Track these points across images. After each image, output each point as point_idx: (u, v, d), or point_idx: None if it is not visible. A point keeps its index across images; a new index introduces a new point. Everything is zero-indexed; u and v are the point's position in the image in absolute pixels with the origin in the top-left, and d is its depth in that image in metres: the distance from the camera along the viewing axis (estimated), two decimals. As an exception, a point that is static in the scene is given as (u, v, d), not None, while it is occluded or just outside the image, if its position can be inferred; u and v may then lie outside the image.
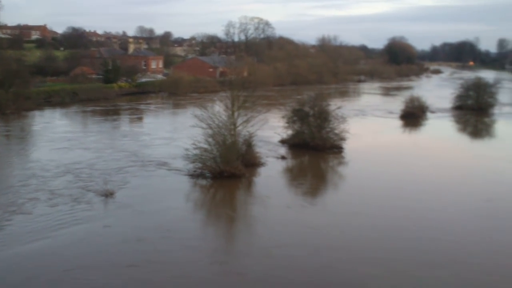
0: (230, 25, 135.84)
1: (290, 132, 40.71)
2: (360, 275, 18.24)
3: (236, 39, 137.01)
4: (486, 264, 19.49)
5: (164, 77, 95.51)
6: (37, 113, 59.01)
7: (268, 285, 17.64)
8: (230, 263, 20.02)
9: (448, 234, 22.32)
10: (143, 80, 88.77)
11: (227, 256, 20.91)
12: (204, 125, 31.51)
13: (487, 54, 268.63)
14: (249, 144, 33.38)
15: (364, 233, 22.22)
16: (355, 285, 17.72)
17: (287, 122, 40.81)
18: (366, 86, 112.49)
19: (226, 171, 29.92)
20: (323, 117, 39.44)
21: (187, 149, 31.20)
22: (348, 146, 39.10)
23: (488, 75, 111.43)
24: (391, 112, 62.18)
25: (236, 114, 32.94)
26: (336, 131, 39.27)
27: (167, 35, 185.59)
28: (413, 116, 58.06)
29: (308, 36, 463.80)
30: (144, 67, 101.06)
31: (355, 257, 19.70)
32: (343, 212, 25.15)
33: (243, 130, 33.17)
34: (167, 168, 32.44)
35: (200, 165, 30.66)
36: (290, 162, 36.21)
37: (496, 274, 18.64)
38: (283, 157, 36.31)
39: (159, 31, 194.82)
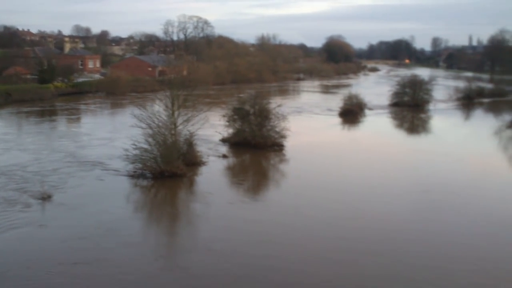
0: (168, 23, 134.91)
1: (231, 130, 40.74)
2: (300, 270, 18.49)
3: (175, 38, 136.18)
4: (425, 250, 20.29)
5: (102, 77, 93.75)
6: (-32, 114, 56.97)
7: (211, 279, 17.73)
8: (174, 258, 20.25)
9: (388, 224, 23.12)
10: (80, 80, 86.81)
11: (170, 251, 21.11)
12: (143, 125, 31.18)
13: (422, 52, 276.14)
14: (190, 143, 33.24)
15: (306, 230, 22.56)
16: (296, 278, 17.91)
17: (228, 121, 40.83)
18: (305, 84, 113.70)
19: (167, 171, 29.69)
20: (264, 115, 39.68)
21: (126, 150, 30.76)
22: (289, 144, 39.47)
23: (423, 72, 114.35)
24: (330, 110, 63.05)
25: (176, 113, 32.77)
26: (277, 129, 39.58)
27: (104, 34, 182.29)
28: (352, 113, 59.06)
29: (247, 34, 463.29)
30: (80, 67, 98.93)
31: (296, 253, 20.00)
32: (284, 209, 25.40)
33: (184, 130, 33.02)
34: (106, 169, 31.90)
35: (140, 165, 30.31)
36: (231, 160, 36.26)
37: (434, 259, 19.35)
38: (224, 156, 36.31)
39: (95, 30, 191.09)
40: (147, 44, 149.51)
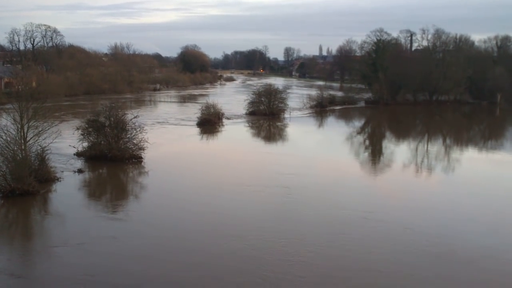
0: (14, 32, 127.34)
1: (86, 144, 39.23)
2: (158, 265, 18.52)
3: (22, 47, 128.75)
4: (278, 239, 22.05)
5: None
6: None
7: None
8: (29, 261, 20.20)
9: (248, 216, 24.96)
10: None
11: (25, 257, 21.16)
12: (-11, 141, 29.09)
13: (275, 61, 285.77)
14: (42, 158, 31.55)
15: (167, 242, 22.47)
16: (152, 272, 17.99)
17: (82, 134, 39.31)
18: (162, 95, 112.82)
19: (17, 188, 27.96)
20: (120, 127, 38.76)
21: (-30, 168, 28.48)
22: (148, 156, 38.81)
23: (277, 81, 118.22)
24: (188, 120, 63.08)
25: (26, 127, 30.96)
26: (135, 141, 38.78)
27: None
28: (210, 123, 59.59)
29: (99, 44, 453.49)
30: None
31: (156, 263, 19.84)
32: (144, 222, 25.01)
33: (35, 144, 31.28)
34: None
35: (-13, 184, 28.23)
36: (88, 175, 34.98)
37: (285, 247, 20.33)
38: (80, 171, 34.89)
39: None
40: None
